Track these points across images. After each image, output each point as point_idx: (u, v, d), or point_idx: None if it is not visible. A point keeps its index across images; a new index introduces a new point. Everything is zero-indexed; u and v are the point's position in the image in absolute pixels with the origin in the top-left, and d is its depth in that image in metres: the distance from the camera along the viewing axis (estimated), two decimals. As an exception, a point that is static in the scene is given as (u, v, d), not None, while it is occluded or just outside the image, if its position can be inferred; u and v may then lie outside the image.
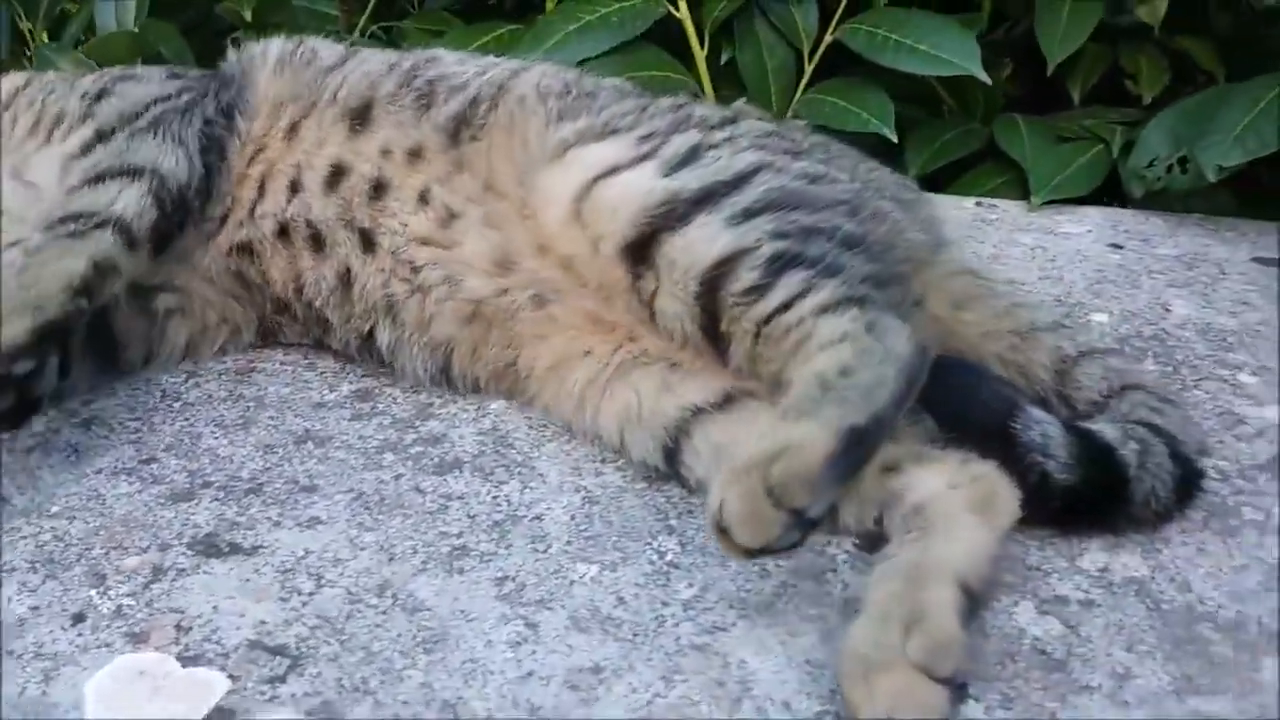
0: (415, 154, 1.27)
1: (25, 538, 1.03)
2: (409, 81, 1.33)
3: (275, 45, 1.44)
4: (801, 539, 0.86)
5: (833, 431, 0.86)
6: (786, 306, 1.01)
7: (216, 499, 1.09)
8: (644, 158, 1.14)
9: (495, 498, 1.09)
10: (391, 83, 1.33)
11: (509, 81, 1.31)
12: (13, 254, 1.15)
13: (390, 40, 2.27)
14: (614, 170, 1.13)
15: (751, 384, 1.07)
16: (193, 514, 1.06)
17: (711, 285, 1.06)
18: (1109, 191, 2.01)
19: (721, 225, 1.07)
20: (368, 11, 2.35)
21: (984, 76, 1.84)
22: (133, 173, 1.21)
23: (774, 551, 0.86)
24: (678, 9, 2.09)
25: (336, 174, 1.29)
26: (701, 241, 1.07)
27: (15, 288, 1.05)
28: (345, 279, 1.27)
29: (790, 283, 1.02)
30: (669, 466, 1.09)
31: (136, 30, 1.96)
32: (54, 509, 1.07)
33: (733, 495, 0.85)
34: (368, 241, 1.26)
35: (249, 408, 1.26)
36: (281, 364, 1.35)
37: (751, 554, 0.86)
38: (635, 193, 1.11)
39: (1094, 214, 1.87)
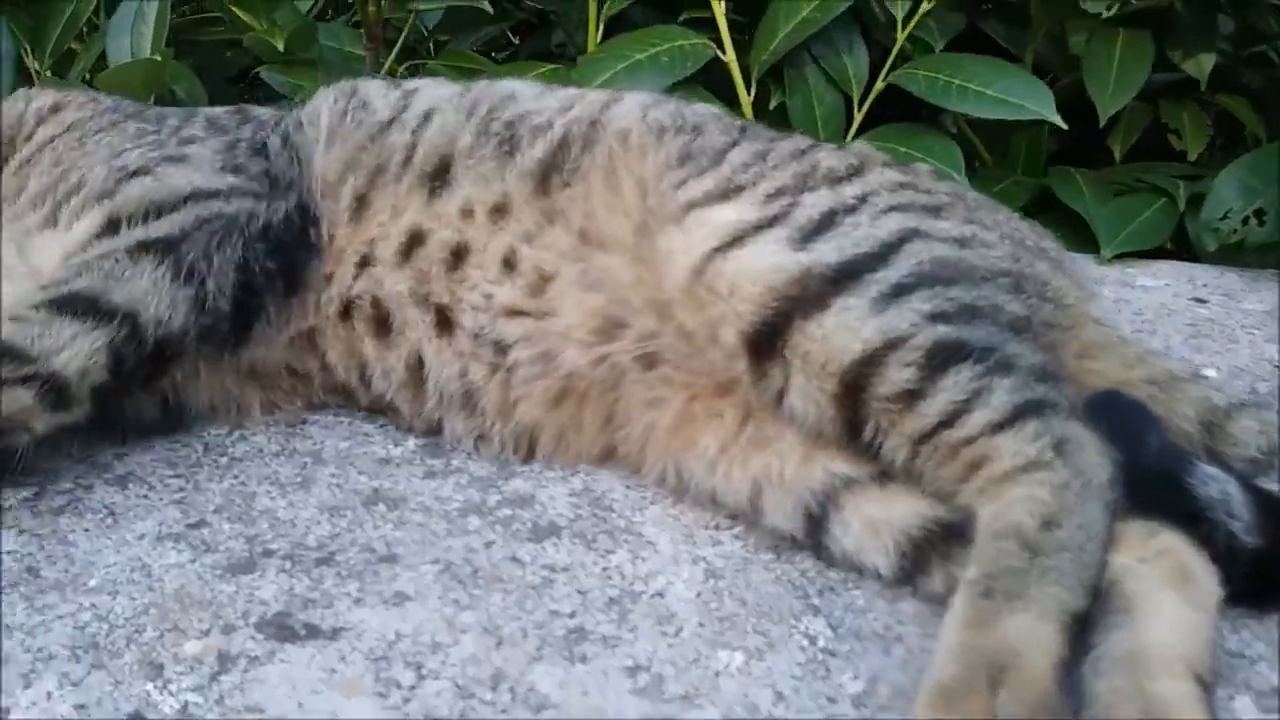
0: (499, 210, 1.12)
1: (62, 618, 0.87)
2: (487, 127, 1.18)
3: (324, 110, 1.25)
4: None
5: (1057, 626, 0.73)
6: (952, 420, 0.87)
7: (283, 570, 0.94)
8: (772, 222, 1.00)
9: (604, 570, 0.96)
10: (470, 134, 1.17)
11: (601, 116, 1.18)
12: None
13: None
14: (738, 239, 0.99)
15: None
16: (257, 589, 0.91)
17: (855, 385, 0.90)
18: (1172, 245, 1.95)
19: (866, 310, 0.91)
20: (395, 51, 2.25)
21: (1060, 122, 1.78)
22: (100, 314, 1.00)
23: None
24: (724, 52, 2.02)
25: (412, 243, 1.13)
26: (843, 330, 0.91)
27: None
28: (417, 369, 1.12)
29: (954, 385, 0.88)
30: (809, 535, 0.96)
31: (158, 59, 1.83)
32: (92, 582, 0.91)
33: None
34: (444, 321, 1.11)
35: (306, 464, 1.11)
36: (335, 416, 1.21)
37: None
38: (761, 268, 0.96)
39: (1165, 268, 1.81)
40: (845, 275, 0.94)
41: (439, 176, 1.16)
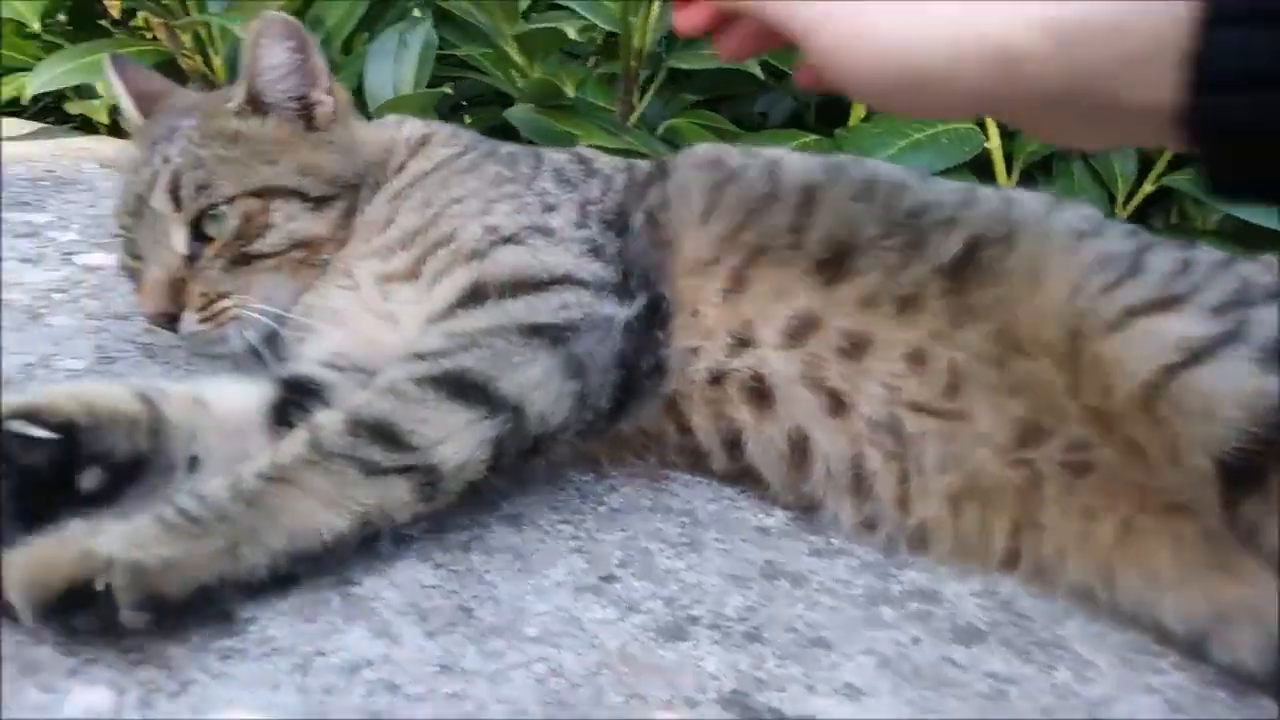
0: (906, 303, 1.07)
1: (516, 667, 0.82)
2: (888, 217, 1.13)
3: (694, 185, 1.20)
4: None
5: None
6: None
7: (715, 642, 0.89)
8: (1229, 339, 0.94)
9: (1054, 686, 0.89)
10: (874, 225, 1.12)
11: (1011, 214, 1.13)
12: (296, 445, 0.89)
13: (667, 141, 2.14)
14: (1196, 356, 0.93)
15: None
16: (699, 660, 0.86)
17: None
18: None
19: None
20: (639, 108, 2.25)
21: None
22: (491, 403, 0.93)
23: None
24: (988, 139, 2.00)
25: (804, 327, 1.09)
26: None
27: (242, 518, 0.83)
28: (800, 444, 1.07)
29: None
30: (1277, 676, 0.89)
31: (449, 90, 1.84)
32: (530, 630, 0.87)
33: None
34: (838, 405, 1.06)
35: (685, 524, 1.07)
36: (692, 475, 1.16)
37: None
38: (1241, 393, 0.90)
39: None
40: None
41: (836, 264, 1.11)
